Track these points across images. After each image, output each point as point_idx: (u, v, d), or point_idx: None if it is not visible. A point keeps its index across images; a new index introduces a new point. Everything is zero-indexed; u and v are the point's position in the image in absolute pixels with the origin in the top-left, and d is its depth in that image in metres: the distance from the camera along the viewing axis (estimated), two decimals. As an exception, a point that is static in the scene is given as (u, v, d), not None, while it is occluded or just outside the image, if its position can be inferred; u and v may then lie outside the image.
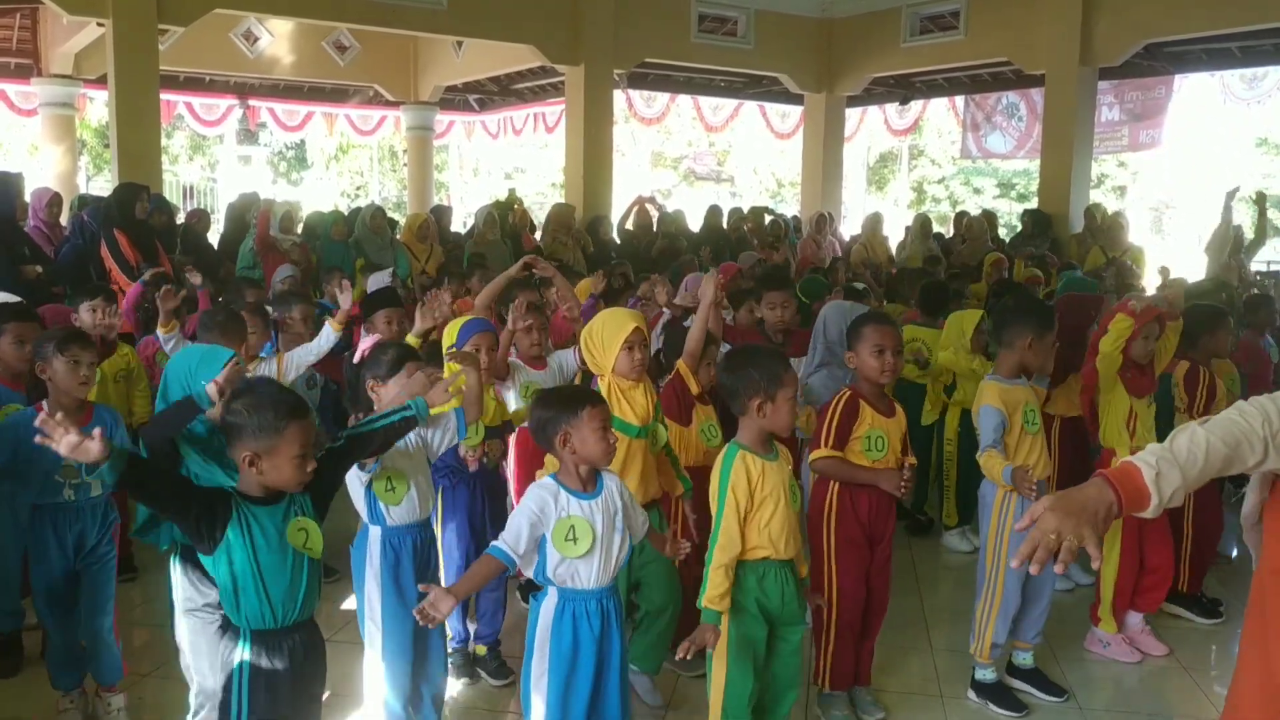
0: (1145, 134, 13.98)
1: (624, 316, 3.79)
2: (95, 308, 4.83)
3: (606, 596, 2.95)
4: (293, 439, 2.54)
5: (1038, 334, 3.96)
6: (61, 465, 3.51)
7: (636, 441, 3.66)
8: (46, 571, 3.60)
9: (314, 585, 2.67)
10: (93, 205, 8.36)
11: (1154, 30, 10.87)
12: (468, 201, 26.22)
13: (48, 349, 3.53)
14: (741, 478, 3.11)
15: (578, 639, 2.91)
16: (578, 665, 2.91)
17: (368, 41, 15.15)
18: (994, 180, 30.04)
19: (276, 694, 2.61)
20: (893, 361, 3.66)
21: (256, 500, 2.58)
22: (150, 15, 9.78)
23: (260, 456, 2.54)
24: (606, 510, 2.95)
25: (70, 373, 3.53)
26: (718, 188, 32.26)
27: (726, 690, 3.17)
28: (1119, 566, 4.39)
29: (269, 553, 2.55)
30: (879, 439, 3.65)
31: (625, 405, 3.66)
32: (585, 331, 3.79)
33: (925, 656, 4.43)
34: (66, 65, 13.51)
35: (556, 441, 2.94)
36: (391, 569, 3.28)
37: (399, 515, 3.29)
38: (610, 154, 12.87)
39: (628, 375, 3.67)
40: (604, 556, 2.92)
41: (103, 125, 20.43)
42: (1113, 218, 10.90)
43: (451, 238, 10.63)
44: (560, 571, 2.89)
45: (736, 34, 13.38)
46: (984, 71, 14.17)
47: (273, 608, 2.58)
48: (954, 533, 5.79)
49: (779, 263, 9.27)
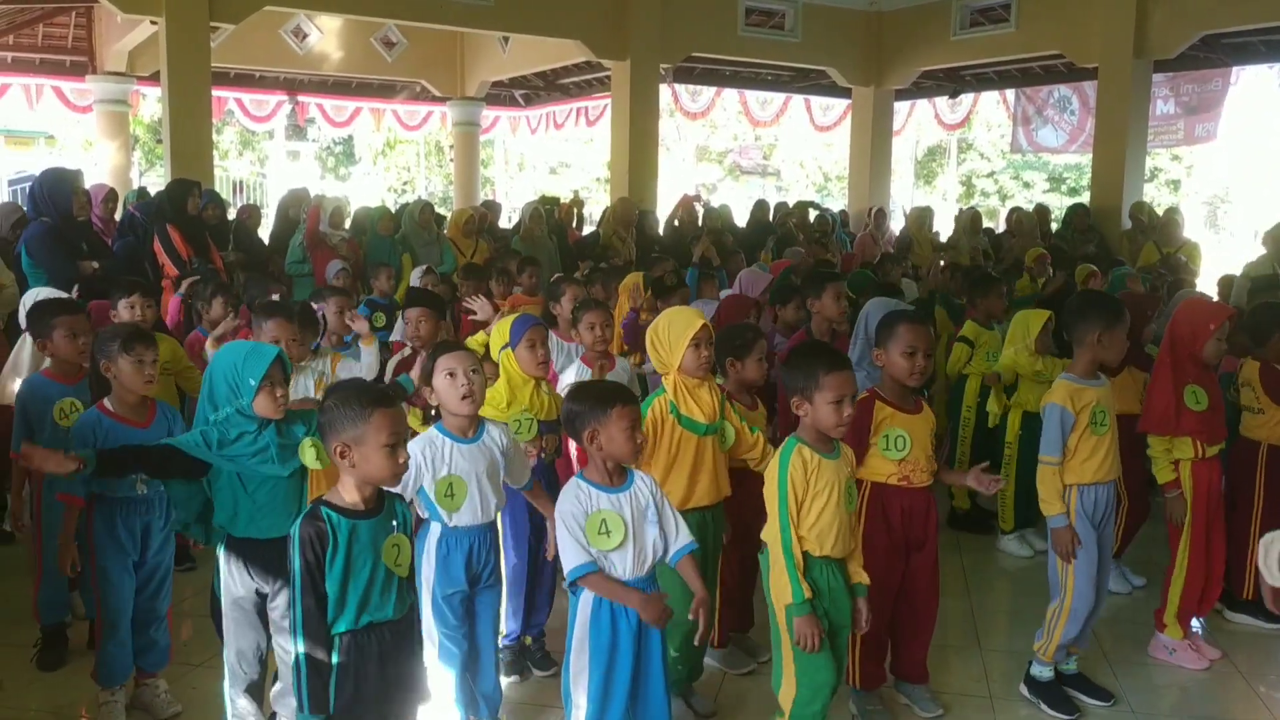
0: (1201, 127, 13.72)
1: (690, 315, 3.77)
2: (133, 304, 4.91)
3: (645, 589, 2.96)
4: (380, 427, 2.59)
5: (1106, 327, 3.87)
6: None
7: (705, 439, 3.65)
8: (114, 563, 3.63)
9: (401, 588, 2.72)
10: (144, 200, 8.49)
11: (1211, 21, 10.63)
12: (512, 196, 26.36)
13: (112, 347, 3.58)
14: (799, 471, 3.13)
15: (616, 633, 2.93)
16: (616, 659, 2.94)
17: (415, 37, 15.24)
18: (1044, 175, 29.67)
19: (360, 690, 2.65)
20: (923, 364, 3.61)
21: (356, 513, 2.63)
22: (202, 13, 9.91)
23: (350, 447, 2.60)
24: (635, 503, 2.97)
25: (135, 371, 3.59)
26: (764, 182, 32.14)
27: (799, 685, 3.18)
28: (1188, 572, 4.30)
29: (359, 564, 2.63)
30: (899, 438, 3.59)
31: (692, 403, 3.65)
32: (651, 330, 3.78)
33: (974, 657, 4.38)
34: (120, 62, 13.72)
35: (585, 437, 2.98)
36: (444, 566, 3.32)
37: (459, 519, 3.32)
38: (655, 149, 12.85)
39: (694, 373, 3.66)
40: (637, 549, 2.94)
41: (155, 121, 20.74)
42: (1166, 214, 10.69)
43: (499, 233, 10.66)
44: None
45: (784, 27, 13.28)
46: (1035, 64, 13.95)
47: (355, 611, 2.63)
48: (1011, 537, 5.70)
49: (822, 258, 9.19)
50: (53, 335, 4.08)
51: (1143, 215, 10.69)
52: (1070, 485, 3.85)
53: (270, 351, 3.23)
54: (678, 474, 3.59)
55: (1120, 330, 3.91)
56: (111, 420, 3.58)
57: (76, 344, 4.07)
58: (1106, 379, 4.01)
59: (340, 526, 2.61)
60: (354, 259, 8.46)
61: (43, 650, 4.15)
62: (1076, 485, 3.86)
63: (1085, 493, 3.87)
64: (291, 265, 8.60)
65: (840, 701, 3.67)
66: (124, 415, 3.61)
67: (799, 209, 12.24)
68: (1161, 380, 4.26)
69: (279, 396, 3.18)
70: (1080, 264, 8.02)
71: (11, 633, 4.36)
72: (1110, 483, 3.93)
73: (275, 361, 3.19)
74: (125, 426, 3.58)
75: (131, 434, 3.58)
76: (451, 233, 9.72)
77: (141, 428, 3.61)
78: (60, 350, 4.09)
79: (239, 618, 3.32)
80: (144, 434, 3.60)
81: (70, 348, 4.07)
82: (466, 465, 3.32)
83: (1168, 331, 4.36)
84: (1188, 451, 4.22)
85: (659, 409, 3.62)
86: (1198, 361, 4.24)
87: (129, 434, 3.58)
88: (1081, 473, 3.86)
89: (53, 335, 4.08)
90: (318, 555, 2.58)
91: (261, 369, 3.15)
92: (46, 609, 4.17)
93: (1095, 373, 3.96)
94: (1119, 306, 4.03)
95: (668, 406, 3.62)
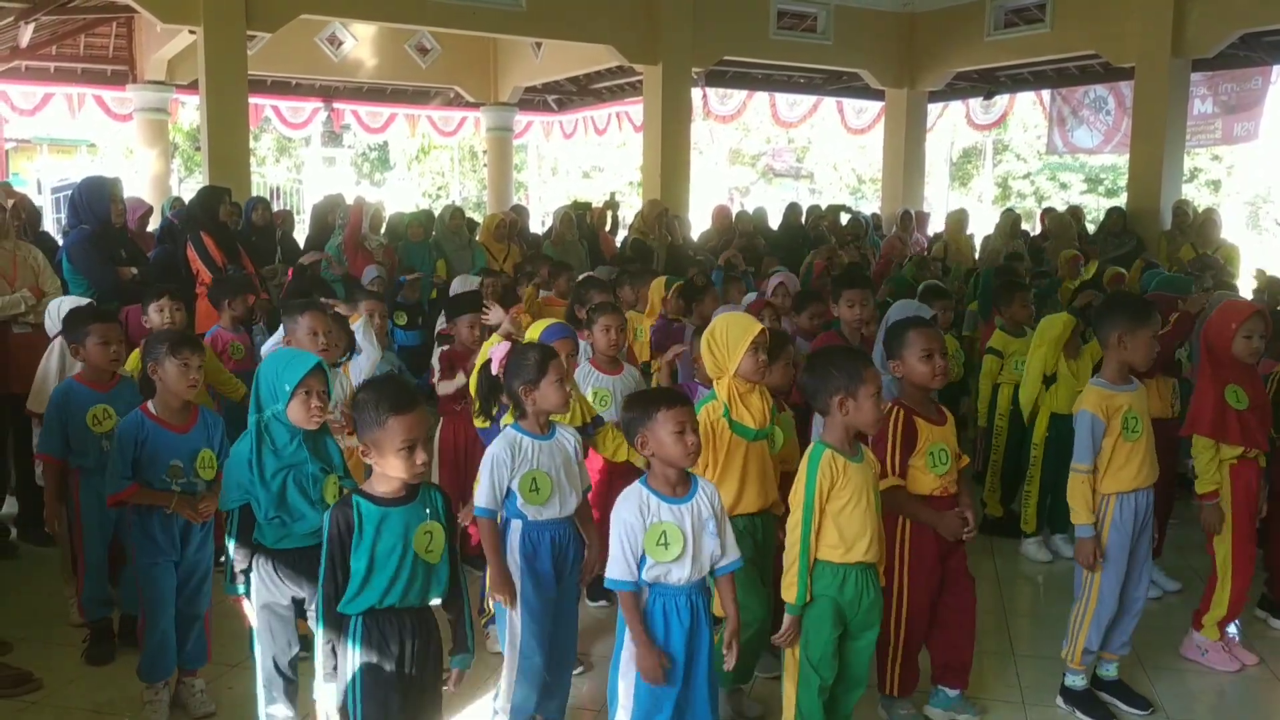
0: (1240, 126, 13.54)
1: (747, 320, 3.75)
2: (163, 308, 4.98)
3: (696, 593, 2.99)
4: (395, 432, 2.67)
5: (1128, 328, 3.80)
6: (170, 464, 3.65)
7: (754, 444, 3.64)
8: (154, 563, 3.71)
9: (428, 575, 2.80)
10: (179, 209, 8.60)
11: (1250, 19, 10.47)
12: (546, 201, 26.44)
13: (160, 350, 3.67)
14: (826, 477, 3.13)
15: (669, 632, 2.96)
16: (669, 659, 2.95)
17: (448, 44, 15.35)
18: (1081, 175, 29.33)
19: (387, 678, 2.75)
20: (942, 364, 3.59)
21: (387, 501, 2.73)
22: (239, 22, 10.04)
23: (370, 447, 2.70)
24: (697, 514, 2.97)
25: (181, 375, 3.67)
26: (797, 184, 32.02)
27: (800, 687, 3.22)
28: (1234, 576, 4.23)
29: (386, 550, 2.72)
30: (941, 452, 3.56)
31: (742, 408, 3.64)
32: (708, 334, 3.73)
33: (1008, 662, 4.35)
34: (160, 71, 13.94)
35: (638, 443, 3.00)
36: (529, 561, 3.38)
37: (545, 513, 3.38)
38: (688, 153, 12.86)
39: (750, 377, 3.63)
40: (695, 559, 2.95)
41: (194, 129, 21.02)
42: (1204, 214, 10.56)
43: (530, 238, 10.70)
44: (651, 572, 2.94)
45: (816, 30, 13.26)
46: (1071, 65, 13.82)
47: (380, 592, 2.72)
48: (1032, 541, 5.65)
49: (854, 260, 9.15)
50: (86, 342, 4.17)
51: (1188, 213, 10.53)
52: (1108, 495, 3.81)
53: (309, 360, 3.26)
54: (728, 479, 3.57)
55: (1145, 332, 3.81)
56: (154, 424, 3.67)
57: (108, 351, 4.16)
58: (1139, 383, 3.94)
59: (369, 514, 2.70)
60: (390, 264, 8.52)
61: (91, 645, 4.24)
62: (1115, 494, 3.81)
63: (1125, 501, 3.81)
64: (326, 270, 8.66)
65: (869, 705, 3.66)
66: (166, 419, 3.70)
67: (831, 212, 12.20)
68: (1204, 381, 4.23)
69: (314, 407, 3.22)
70: (1108, 266, 7.95)
71: (52, 632, 4.45)
72: (1149, 488, 3.87)
73: (315, 370, 3.23)
74: (167, 431, 3.67)
75: (172, 438, 3.67)
76: (484, 237, 9.76)
77: (182, 432, 3.70)
78: (93, 357, 4.17)
79: (270, 621, 3.36)
80: (184, 439, 3.70)
81: (102, 355, 4.16)
82: (547, 460, 3.39)
83: (1203, 334, 4.31)
84: (1235, 451, 4.15)
85: (711, 413, 3.60)
86: (1232, 361, 4.19)
87: (170, 438, 3.67)
88: (1119, 480, 3.81)
89: (86, 342, 4.17)
90: (343, 542, 2.68)
91: (298, 375, 3.19)
92: (91, 605, 4.25)
93: (1126, 376, 3.89)
94: (1145, 307, 3.96)
95: (720, 410, 3.61)
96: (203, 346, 3.89)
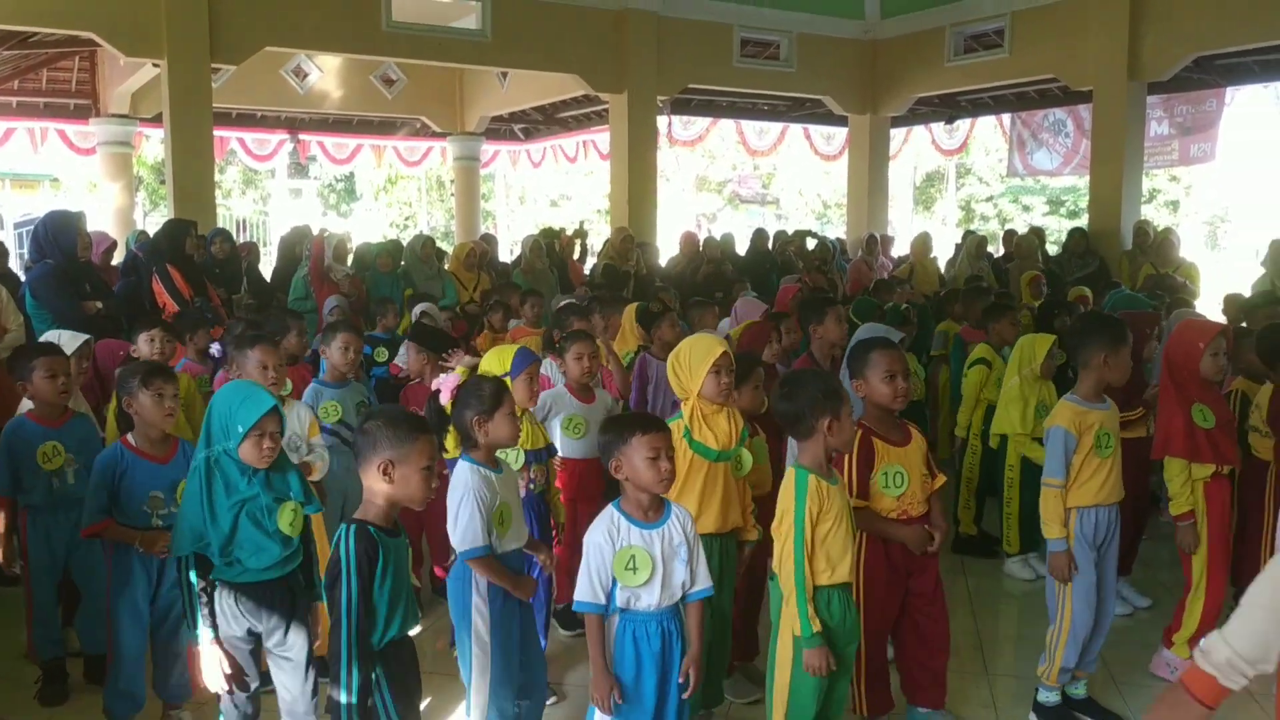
0: (1196, 148, 13.77)
1: (711, 341, 3.79)
2: (153, 338, 4.94)
3: (667, 619, 2.99)
4: (422, 451, 2.74)
5: (1112, 348, 3.88)
6: (150, 495, 3.61)
7: (716, 465, 3.66)
8: (131, 595, 3.66)
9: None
10: (144, 241, 8.55)
11: (1204, 43, 10.70)
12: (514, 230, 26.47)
13: (133, 383, 3.64)
14: (815, 502, 3.14)
15: (640, 659, 2.96)
16: (640, 684, 2.96)
17: (414, 74, 15.38)
18: (1043, 198, 29.76)
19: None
20: (904, 386, 3.62)
21: (389, 532, 2.77)
22: (203, 55, 10.01)
23: (394, 464, 2.71)
24: (668, 540, 2.97)
25: (156, 406, 3.63)
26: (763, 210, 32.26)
27: (788, 716, 3.21)
28: (1207, 594, 4.25)
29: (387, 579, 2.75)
30: (897, 475, 3.58)
31: (706, 430, 3.66)
32: (673, 356, 3.80)
33: (982, 682, 4.37)
34: (124, 105, 13.87)
35: (612, 467, 3.00)
36: (500, 592, 3.33)
37: (505, 543, 3.35)
38: (655, 180, 12.92)
39: (714, 398, 3.67)
40: (665, 585, 2.95)
41: (159, 162, 20.90)
42: (1163, 233, 10.73)
43: (500, 266, 10.72)
44: (621, 596, 2.94)
45: (779, 57, 13.40)
46: (1030, 89, 14.04)
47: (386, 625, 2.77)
48: (1016, 560, 5.67)
49: (821, 285, 9.22)
50: (32, 377, 4.07)
51: (1149, 233, 10.70)
52: (1071, 508, 3.85)
53: (265, 403, 3.20)
54: (686, 499, 3.58)
55: (1125, 351, 3.91)
56: (134, 455, 3.64)
57: (55, 384, 4.06)
58: (1111, 401, 4.00)
59: (386, 544, 2.73)
60: (357, 295, 8.50)
61: (43, 685, 4.16)
62: (1077, 508, 3.86)
63: (1085, 515, 3.87)
64: (294, 301, 8.64)
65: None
66: (146, 450, 3.66)
67: (798, 237, 12.30)
68: (1168, 403, 4.25)
69: (265, 448, 3.18)
70: (1073, 287, 8.04)
71: (13, 670, 4.38)
72: (1113, 505, 3.92)
73: (270, 413, 3.18)
74: (146, 462, 3.64)
75: (152, 469, 3.64)
76: (453, 266, 9.77)
77: (161, 463, 3.66)
78: (40, 391, 4.08)
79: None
80: (164, 469, 3.66)
81: (49, 389, 4.06)
82: (509, 492, 3.41)
83: (1165, 354, 4.35)
84: (1207, 470, 4.19)
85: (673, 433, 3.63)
86: (1198, 380, 4.23)
87: (150, 469, 3.63)
88: (1083, 495, 3.86)
89: (32, 377, 4.07)
90: (371, 570, 2.69)
91: (253, 418, 3.15)
92: (42, 644, 4.18)
93: (1100, 395, 3.95)
94: (1122, 327, 4.03)
95: (681, 431, 3.63)
96: (176, 376, 3.83)
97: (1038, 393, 5.32)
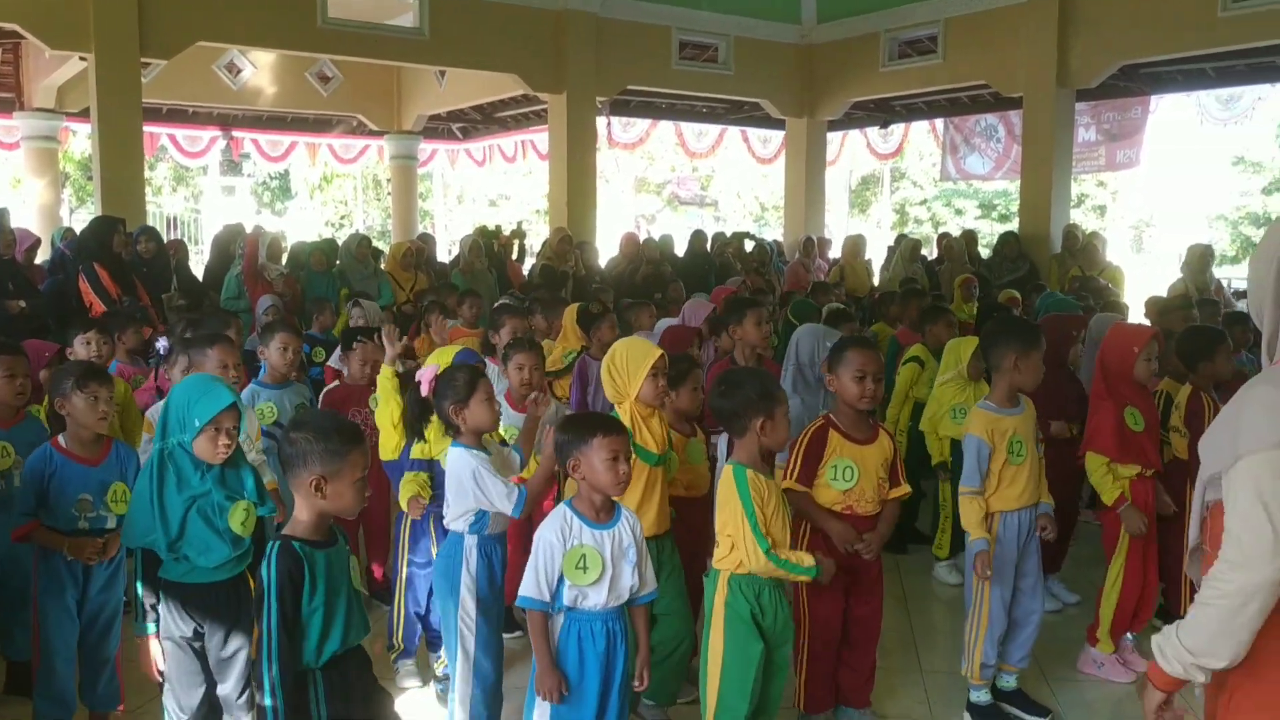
0: (1122, 154, 14.09)
1: (647, 345, 3.82)
2: (90, 340, 4.82)
3: (613, 619, 3.01)
4: (355, 463, 2.66)
5: (1022, 352, 3.92)
6: (78, 498, 3.52)
7: (655, 469, 3.69)
8: (57, 599, 3.56)
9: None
10: (71, 239, 8.35)
11: (1129, 52, 10.98)
12: (452, 229, 26.28)
13: (66, 385, 3.54)
14: (757, 493, 3.17)
15: (583, 658, 2.97)
16: (583, 683, 2.98)
17: (350, 72, 15.21)
18: (975, 201, 30.25)
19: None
20: (873, 388, 3.66)
21: (319, 544, 2.68)
22: (133, 48, 9.80)
23: (327, 480, 2.63)
24: (618, 542, 3.00)
25: (90, 408, 3.54)
26: (702, 212, 32.40)
27: (719, 708, 3.23)
28: (1122, 589, 4.36)
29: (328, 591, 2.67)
30: (847, 469, 3.63)
31: (645, 433, 3.69)
32: (607, 359, 3.81)
33: (916, 679, 4.43)
34: (49, 99, 13.53)
35: (570, 466, 3.01)
36: (486, 574, 3.45)
37: (494, 525, 3.46)
38: (594, 181, 12.93)
39: (650, 402, 3.70)
40: (612, 585, 2.98)
41: (86, 158, 20.42)
42: (1089, 237, 10.99)
43: (438, 266, 10.64)
44: (569, 595, 2.95)
45: (717, 60, 13.48)
46: (963, 94, 14.29)
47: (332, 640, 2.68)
48: (944, 565, 5.72)
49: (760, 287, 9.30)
50: None
51: (1077, 237, 10.95)
52: (993, 513, 3.92)
53: (224, 399, 3.16)
54: (627, 501, 3.57)
55: (1036, 355, 3.95)
56: (63, 457, 3.54)
57: (14, 385, 3.94)
58: (1026, 405, 4.05)
59: (314, 558, 2.64)
60: (291, 294, 8.39)
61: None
62: (999, 512, 3.93)
63: (1008, 519, 3.95)
64: (227, 300, 8.51)
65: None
66: (76, 452, 3.57)
67: (736, 239, 12.38)
68: (1100, 405, 4.35)
69: (220, 444, 3.15)
70: (1003, 290, 8.19)
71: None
72: (1030, 508, 3.99)
73: (229, 409, 3.15)
74: (75, 464, 3.54)
75: (81, 471, 3.54)
76: (390, 266, 9.68)
77: (92, 465, 3.57)
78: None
79: (178, 656, 3.24)
80: (94, 471, 3.57)
81: (8, 388, 3.94)
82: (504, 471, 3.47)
83: (1099, 357, 4.45)
84: (1132, 470, 4.29)
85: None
86: (1131, 383, 4.34)
87: (78, 471, 3.54)
88: (1004, 500, 3.94)
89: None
90: (295, 590, 2.59)
91: (210, 412, 3.12)
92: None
93: (1015, 399, 4.01)
94: (1034, 331, 4.11)
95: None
96: (111, 379, 3.74)
97: (965, 393, 5.41)
